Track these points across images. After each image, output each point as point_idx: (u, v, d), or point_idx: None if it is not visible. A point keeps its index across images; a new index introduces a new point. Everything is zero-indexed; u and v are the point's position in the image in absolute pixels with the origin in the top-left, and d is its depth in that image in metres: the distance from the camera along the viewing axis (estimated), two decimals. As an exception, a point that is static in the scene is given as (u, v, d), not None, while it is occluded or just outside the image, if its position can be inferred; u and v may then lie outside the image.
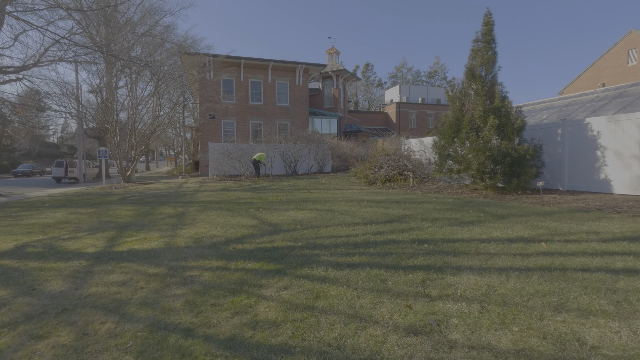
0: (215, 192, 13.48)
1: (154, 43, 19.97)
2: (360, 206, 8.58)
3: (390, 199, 9.83)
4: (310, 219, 7.13)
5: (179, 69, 20.86)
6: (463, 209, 7.67)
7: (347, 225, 6.38)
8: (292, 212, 8.10)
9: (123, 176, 19.95)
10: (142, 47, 19.87)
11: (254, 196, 11.81)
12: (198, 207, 9.67)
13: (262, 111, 29.84)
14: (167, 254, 4.98)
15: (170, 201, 11.38)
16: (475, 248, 4.63)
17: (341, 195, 11.10)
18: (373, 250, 4.72)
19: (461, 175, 11.02)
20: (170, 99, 20.66)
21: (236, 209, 9.10)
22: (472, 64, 10.68)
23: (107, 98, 19.72)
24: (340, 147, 24.59)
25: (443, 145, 10.97)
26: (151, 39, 20.23)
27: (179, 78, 21.87)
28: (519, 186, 9.64)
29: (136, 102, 20.12)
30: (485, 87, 10.19)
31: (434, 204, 8.60)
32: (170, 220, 7.75)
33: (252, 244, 5.38)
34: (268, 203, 10.00)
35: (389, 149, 15.84)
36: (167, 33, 23.79)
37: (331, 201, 9.68)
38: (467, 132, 10.14)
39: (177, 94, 20.27)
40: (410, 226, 6.11)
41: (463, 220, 6.46)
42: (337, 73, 35.56)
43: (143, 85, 20.92)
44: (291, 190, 13.28)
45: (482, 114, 9.91)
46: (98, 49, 17.22)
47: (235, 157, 20.16)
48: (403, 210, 7.74)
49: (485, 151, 9.63)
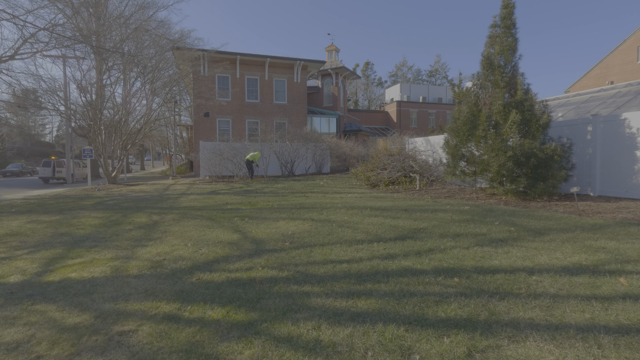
0: (202, 196, 12.21)
1: (142, 34, 18.66)
2: (363, 215, 7.30)
3: (396, 205, 8.56)
4: (303, 233, 5.86)
5: (170, 62, 19.56)
6: (486, 220, 6.40)
7: (348, 244, 5.11)
8: (283, 223, 6.82)
9: (108, 177, 18.66)
10: (136, 43, 18.57)
11: (242, 201, 10.54)
12: (176, 215, 8.40)
13: (259, 109, 28.58)
14: (108, 287, 3.71)
15: (149, 207, 10.11)
16: (525, 284, 3.36)
17: (340, 200, 9.83)
18: (385, 286, 3.44)
19: (475, 178, 9.77)
20: (159, 94, 19.39)
21: (219, 217, 7.82)
22: (490, 53, 9.41)
23: (98, 94, 18.47)
24: (340, 146, 23.32)
25: (456, 144, 9.70)
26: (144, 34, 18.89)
27: (169, 72, 20.58)
28: (545, 191, 8.38)
29: (125, 98, 18.84)
30: (505, 78, 8.93)
31: (450, 212, 7.33)
32: (136, 234, 6.47)
33: (223, 272, 4.11)
34: (257, 210, 8.73)
35: (393, 149, 14.57)
36: (161, 28, 22.46)
37: (329, 208, 8.41)
38: (485, 129, 8.88)
39: (166, 90, 18.96)
40: (428, 246, 4.83)
41: (492, 237, 5.19)
42: (337, 71, 34.29)
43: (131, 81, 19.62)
44: (285, 194, 12.01)
45: (502, 108, 8.64)
46: (84, 40, 15.94)
47: (227, 157, 18.88)
48: (415, 222, 6.46)
49: (506, 151, 8.36)
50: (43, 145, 67.91)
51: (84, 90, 18.14)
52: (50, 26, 14.22)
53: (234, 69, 27.81)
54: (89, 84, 17.93)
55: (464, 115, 9.21)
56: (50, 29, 13.97)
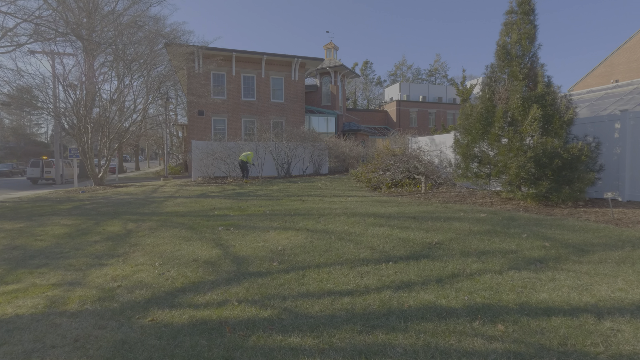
0: (189, 200, 11.24)
1: (135, 29, 17.63)
2: (366, 224, 6.35)
3: (403, 212, 7.61)
4: (296, 249, 4.90)
5: (161, 58, 18.56)
6: (511, 232, 5.46)
7: (350, 265, 4.15)
8: (273, 235, 5.86)
9: (94, 178, 17.65)
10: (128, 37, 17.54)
11: (232, 205, 9.58)
12: (155, 223, 7.43)
13: (255, 108, 27.63)
14: (27, 334, 2.74)
15: (129, 212, 9.14)
16: (599, 337, 2.41)
17: (340, 205, 8.88)
18: (403, 338, 2.48)
19: (489, 181, 8.83)
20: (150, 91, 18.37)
21: (202, 226, 6.86)
22: (505, 42, 8.47)
23: (86, 91, 17.45)
24: (339, 146, 22.35)
25: (467, 143, 8.76)
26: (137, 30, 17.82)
27: (159, 68, 19.58)
28: (571, 196, 7.43)
29: (112, 95, 17.85)
30: (524, 69, 7.99)
31: (465, 221, 6.38)
32: (100, 247, 5.50)
33: (188, 308, 3.14)
34: (246, 217, 7.77)
35: (395, 149, 13.62)
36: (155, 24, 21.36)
37: (327, 215, 7.46)
38: (501, 126, 7.94)
39: (157, 86, 17.96)
40: (450, 269, 3.88)
41: (526, 256, 4.25)
42: (335, 69, 33.35)
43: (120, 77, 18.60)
44: (280, 197, 11.05)
45: (521, 103, 7.70)
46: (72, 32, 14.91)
47: (220, 157, 17.90)
48: (427, 233, 5.51)
49: (526, 151, 7.43)
50: (37, 145, 66.65)
51: (73, 87, 17.17)
52: (34, 18, 13.22)
53: (230, 67, 26.85)
54: (78, 81, 16.93)
55: (478, 111, 8.26)
56: (34, 21, 12.96)
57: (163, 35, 17.78)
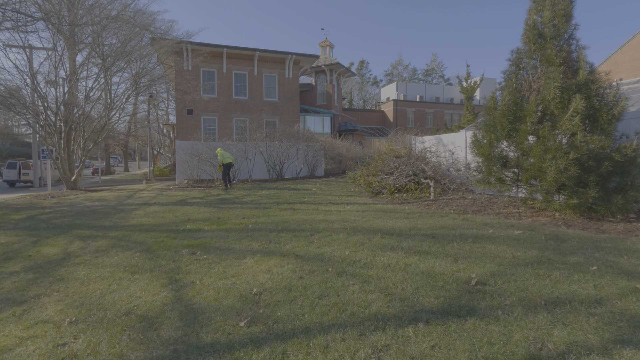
0: (164, 208, 9.72)
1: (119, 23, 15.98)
2: (373, 247, 4.89)
3: (416, 226, 6.17)
4: (278, 293, 3.43)
5: (141, 50, 16.96)
6: (569, 260, 4.03)
7: (359, 330, 2.69)
8: (250, 264, 4.38)
9: (67, 182, 16.01)
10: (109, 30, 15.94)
11: (211, 216, 8.09)
12: (107, 242, 5.92)
13: (248, 107, 26.12)
14: None
15: (85, 225, 7.62)
16: None
17: (338, 216, 7.42)
18: None
19: (514, 187, 7.42)
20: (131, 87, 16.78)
21: (163, 248, 5.36)
22: (536, 21, 7.08)
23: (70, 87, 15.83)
24: (335, 146, 20.90)
25: (489, 142, 7.34)
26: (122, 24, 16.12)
27: (142, 63, 17.96)
28: (624, 207, 6.03)
29: (86, 91, 16.25)
30: (562, 52, 6.59)
31: (500, 242, 4.94)
32: (8, 285, 3.98)
33: None
34: (223, 233, 6.28)
35: (398, 149, 12.19)
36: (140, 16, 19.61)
37: (322, 231, 5.99)
38: (534, 122, 6.52)
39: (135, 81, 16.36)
40: (518, 342, 2.43)
41: (620, 309, 2.82)
42: (331, 67, 31.94)
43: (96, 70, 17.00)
44: (268, 204, 9.56)
45: (560, 93, 6.30)
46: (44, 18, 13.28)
47: (206, 159, 16.36)
48: (457, 263, 4.07)
49: (567, 151, 6.02)
50: (23, 145, 64.46)
51: (52, 83, 15.58)
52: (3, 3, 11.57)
53: (220, 63, 25.33)
54: (56, 75, 15.30)
55: (504, 104, 6.83)
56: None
57: (143, 26, 16.18)
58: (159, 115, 48.60)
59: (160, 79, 19.69)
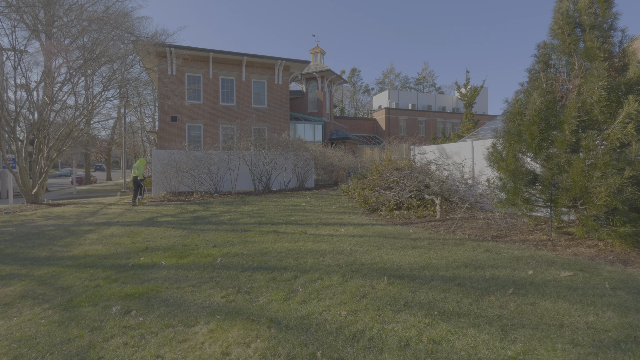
0: (125, 230, 8.18)
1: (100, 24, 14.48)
2: (380, 301, 3.48)
3: (430, 263, 4.79)
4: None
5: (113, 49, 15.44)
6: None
7: None
8: (202, 337, 2.91)
9: (27, 195, 14.29)
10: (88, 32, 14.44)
11: (175, 243, 6.59)
12: (22, 287, 4.40)
13: (235, 113, 24.71)
14: None
15: (14, 255, 6.07)
16: None
17: (330, 245, 6.00)
18: None
19: (551, 210, 6.12)
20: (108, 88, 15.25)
21: (88, 302, 3.86)
22: (568, 8, 5.86)
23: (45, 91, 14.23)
24: (327, 156, 19.55)
25: (514, 155, 6.03)
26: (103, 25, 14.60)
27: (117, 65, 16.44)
28: (694, 239, 4.75)
29: (52, 95, 14.62)
30: (607, 45, 5.37)
31: (552, 294, 3.59)
32: None
33: None
34: (181, 272, 4.81)
35: (399, 161, 10.86)
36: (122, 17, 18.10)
37: (310, 271, 4.57)
38: (574, 130, 5.25)
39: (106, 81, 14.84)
40: None
41: None
42: (322, 74, 30.81)
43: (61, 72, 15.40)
44: (248, 225, 8.10)
45: (606, 94, 5.04)
46: None
47: (185, 170, 14.82)
48: (509, 342, 2.68)
49: (622, 167, 4.74)
50: (2, 153, 61.67)
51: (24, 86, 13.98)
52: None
53: (207, 68, 23.95)
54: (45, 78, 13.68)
55: (535, 108, 5.54)
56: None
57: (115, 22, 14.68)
58: (146, 123, 46.82)
59: (136, 80, 18.12)
